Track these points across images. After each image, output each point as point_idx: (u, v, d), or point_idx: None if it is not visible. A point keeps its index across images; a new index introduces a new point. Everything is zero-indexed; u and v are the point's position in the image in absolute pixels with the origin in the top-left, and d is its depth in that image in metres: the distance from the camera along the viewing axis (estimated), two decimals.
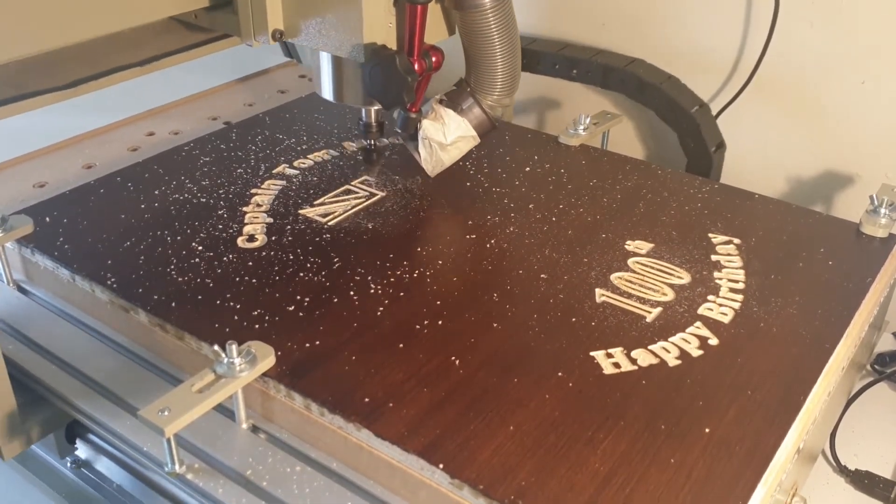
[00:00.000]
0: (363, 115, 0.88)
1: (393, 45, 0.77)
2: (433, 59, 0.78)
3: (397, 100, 0.78)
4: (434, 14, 0.78)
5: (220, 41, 0.81)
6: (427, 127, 0.84)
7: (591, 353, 0.68)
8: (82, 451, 0.76)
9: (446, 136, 0.84)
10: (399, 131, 0.85)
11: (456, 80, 0.84)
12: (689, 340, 0.70)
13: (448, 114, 0.83)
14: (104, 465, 0.75)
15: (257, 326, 0.70)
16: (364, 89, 0.79)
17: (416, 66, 0.76)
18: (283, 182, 0.92)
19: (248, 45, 0.79)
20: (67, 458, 0.77)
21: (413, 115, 0.83)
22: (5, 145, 1.04)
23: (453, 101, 0.83)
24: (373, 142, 0.91)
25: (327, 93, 0.86)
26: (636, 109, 1.15)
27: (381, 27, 0.76)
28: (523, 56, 0.82)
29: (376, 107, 0.85)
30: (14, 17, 0.63)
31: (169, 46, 0.77)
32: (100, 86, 0.71)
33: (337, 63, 0.83)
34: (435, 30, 0.78)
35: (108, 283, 0.75)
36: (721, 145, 1.07)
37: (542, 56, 1.15)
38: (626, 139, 1.19)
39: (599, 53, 1.13)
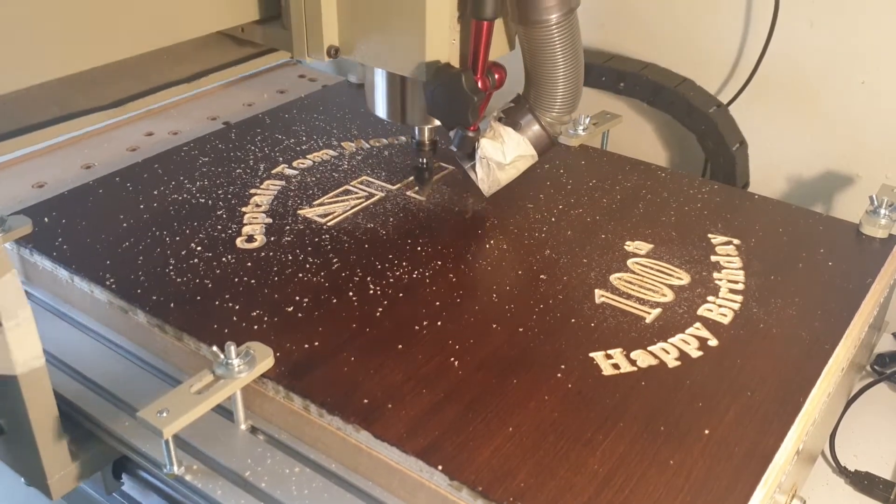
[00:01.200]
0: (416, 133, 0.84)
1: (456, 62, 0.74)
2: (496, 76, 0.76)
3: (462, 120, 0.74)
4: (497, 29, 0.75)
5: (266, 55, 0.78)
6: (486, 146, 0.81)
7: (591, 354, 0.68)
8: (129, 486, 0.75)
9: (506, 156, 0.81)
10: (454, 150, 0.83)
11: (506, 96, 0.82)
12: (688, 341, 0.69)
13: (507, 132, 0.80)
14: (151, 502, 0.73)
15: (256, 327, 0.69)
16: (426, 108, 0.75)
17: (480, 85, 0.74)
18: (283, 182, 0.92)
19: (300, 62, 0.76)
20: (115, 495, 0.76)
21: (471, 134, 0.81)
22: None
23: (512, 118, 0.80)
24: (425, 160, 0.87)
25: (381, 111, 0.83)
26: (636, 109, 1.15)
27: (444, 44, 0.72)
28: None
29: (430, 125, 0.82)
30: (60, 34, 0.61)
31: (214, 61, 0.74)
32: (146, 103, 0.69)
33: (392, 80, 0.80)
34: (495, 45, 0.75)
35: (107, 283, 0.75)
36: (743, 143, 1.06)
37: None
38: (625, 138, 1.19)
39: (612, 59, 1.12)
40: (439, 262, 0.79)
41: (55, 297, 0.80)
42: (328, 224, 0.84)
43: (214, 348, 0.63)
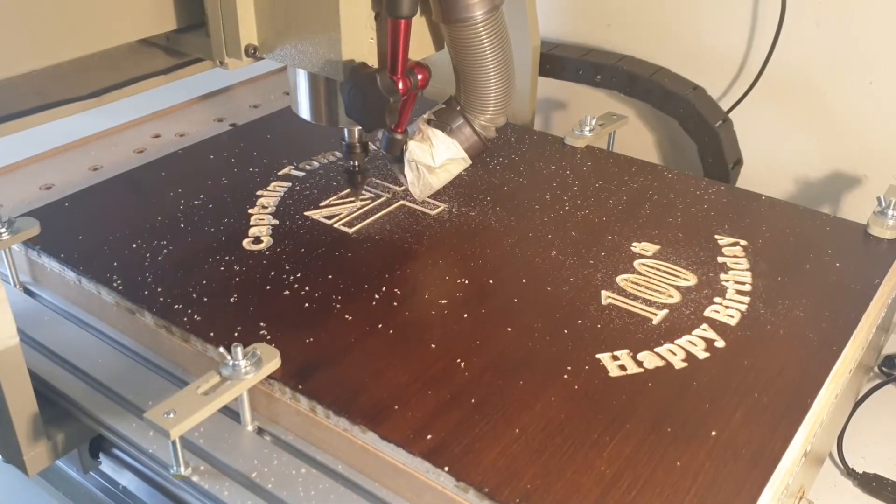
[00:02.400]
0: (346, 135, 0.80)
1: (374, 62, 0.71)
2: (419, 76, 0.72)
3: (378, 122, 0.71)
4: (420, 28, 0.72)
5: (192, 65, 0.75)
6: (413, 149, 0.78)
7: (597, 356, 0.67)
8: (106, 465, 0.76)
9: (434, 159, 0.78)
10: (384, 153, 0.80)
11: (447, 97, 0.79)
12: (695, 343, 0.69)
13: (436, 135, 0.77)
14: (128, 480, 0.74)
15: (263, 328, 0.70)
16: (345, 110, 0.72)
17: (399, 85, 0.70)
18: (289, 184, 0.92)
19: (220, 65, 0.72)
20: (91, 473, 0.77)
21: (398, 136, 0.77)
22: (12, 148, 1.04)
23: (442, 120, 0.77)
24: (356, 163, 0.83)
25: (304, 112, 0.79)
26: (636, 107, 1.15)
27: (361, 43, 0.69)
28: (546, 61, 0.77)
29: (358, 127, 0.78)
30: (42, 25, 0.62)
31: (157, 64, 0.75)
32: (123, 94, 0.69)
33: (315, 81, 0.76)
34: (421, 45, 0.72)
35: (115, 284, 0.75)
36: (738, 162, 1.06)
37: (565, 62, 1.14)
38: (630, 139, 1.19)
39: (623, 59, 1.12)
40: (445, 263, 0.79)
41: (63, 299, 0.80)
42: (335, 225, 0.84)
43: (221, 349, 0.63)
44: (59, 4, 0.64)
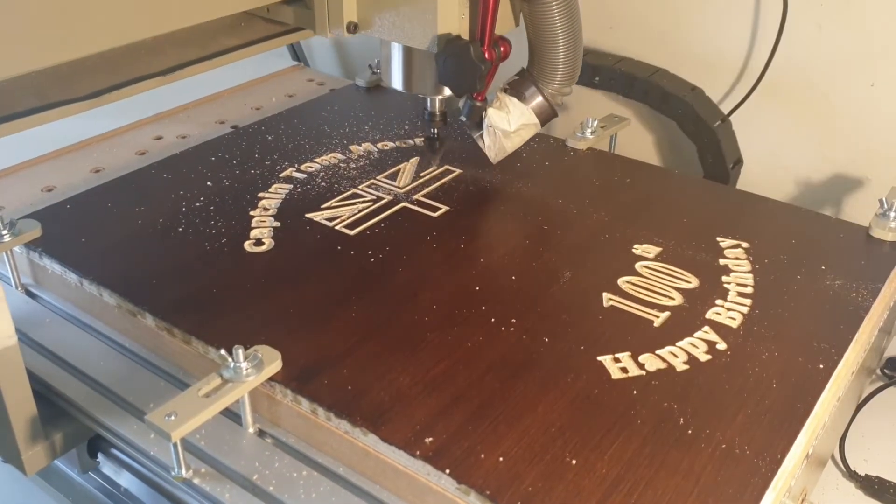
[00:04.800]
0: (428, 104, 0.91)
1: (465, 35, 0.81)
2: (501, 48, 0.82)
3: (470, 87, 0.81)
4: (503, 6, 0.81)
5: (233, 52, 0.80)
6: (492, 115, 0.87)
7: (599, 358, 0.67)
8: (104, 465, 0.76)
9: (510, 124, 0.87)
10: (463, 119, 0.89)
11: (517, 71, 0.87)
12: (697, 345, 0.69)
13: (513, 102, 0.86)
14: (126, 480, 0.75)
15: (264, 330, 0.70)
16: (437, 78, 0.82)
17: (486, 55, 0.80)
18: (291, 186, 0.92)
19: (307, 65, 0.81)
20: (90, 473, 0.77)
21: (479, 104, 0.86)
22: (14, 149, 1.05)
23: (516, 89, 0.86)
24: (436, 130, 0.94)
25: (397, 83, 0.89)
26: (638, 107, 1.15)
27: (454, 18, 0.79)
28: None
29: (440, 97, 0.89)
30: (44, 24, 0.62)
31: (188, 56, 0.76)
32: (122, 95, 0.70)
33: (408, 54, 0.86)
34: (502, 21, 0.82)
35: (116, 286, 0.75)
36: (738, 161, 1.06)
37: None
38: (632, 141, 1.19)
39: (622, 61, 1.12)
40: (447, 266, 0.79)
41: (64, 301, 0.80)
42: (336, 227, 0.84)
43: (222, 352, 0.63)
44: None
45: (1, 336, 0.62)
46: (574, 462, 0.58)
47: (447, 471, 0.57)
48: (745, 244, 0.82)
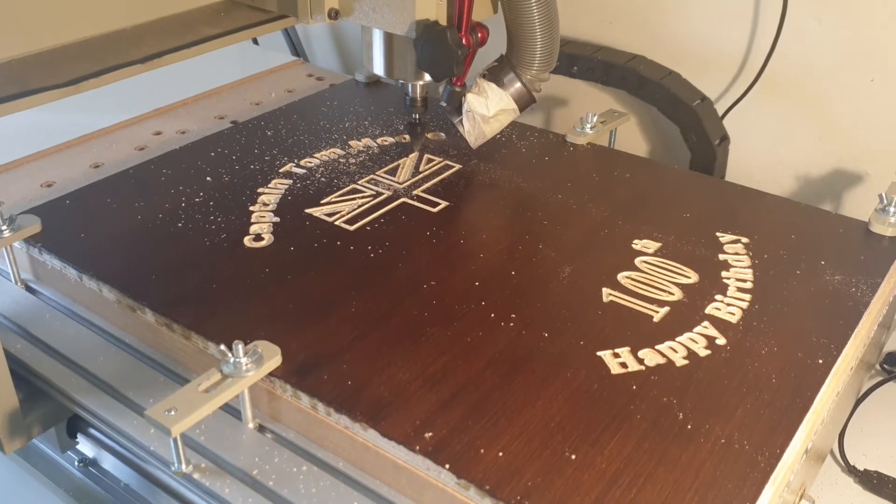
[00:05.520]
0: (409, 90, 0.94)
1: (443, 20, 0.83)
2: (479, 34, 0.85)
3: (448, 72, 0.84)
4: None
5: (218, 39, 0.80)
6: (471, 100, 0.89)
7: (598, 353, 0.67)
8: (83, 445, 0.77)
9: (489, 109, 0.89)
10: (444, 105, 0.91)
11: (496, 58, 0.89)
12: (696, 340, 0.69)
13: (491, 87, 0.88)
14: (105, 460, 0.75)
15: (264, 326, 0.70)
16: (416, 64, 0.85)
17: (464, 41, 0.83)
18: (290, 181, 0.92)
19: (304, 22, 0.82)
20: (69, 453, 0.77)
21: (458, 89, 0.89)
22: (13, 145, 1.04)
23: (495, 75, 0.88)
24: (417, 116, 0.98)
25: (378, 68, 0.93)
26: (638, 106, 1.15)
27: (431, 4, 0.82)
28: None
29: (421, 82, 0.92)
30: (31, 10, 0.63)
31: (169, 43, 0.77)
32: (102, 82, 0.70)
33: (388, 40, 0.89)
34: (480, 8, 0.85)
35: (116, 282, 0.75)
36: (725, 138, 1.06)
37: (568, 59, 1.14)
38: (632, 136, 1.18)
39: (600, 50, 1.13)
40: (446, 261, 0.79)
41: (64, 296, 0.80)
42: (335, 223, 0.84)
43: (222, 347, 0.63)
44: None
45: None
46: (573, 457, 0.58)
47: (447, 465, 0.57)
48: (744, 239, 0.82)
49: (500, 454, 0.58)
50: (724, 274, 0.78)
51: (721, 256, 0.80)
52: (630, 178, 0.94)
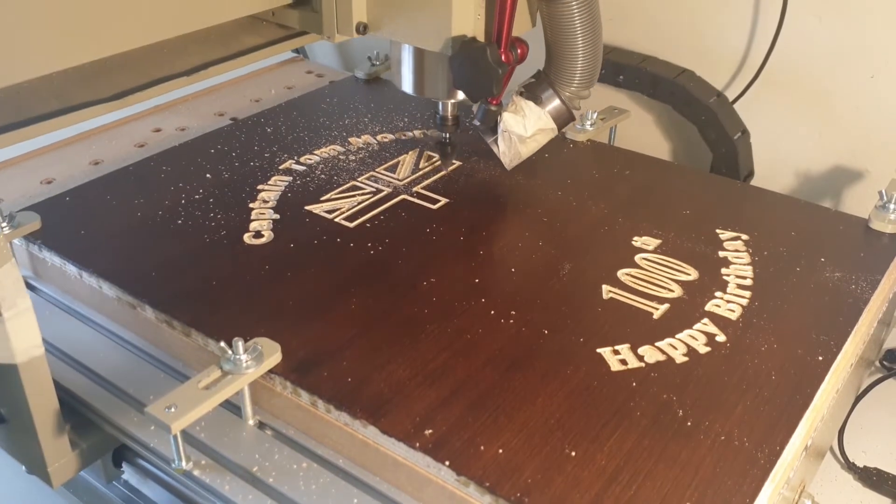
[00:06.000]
0: (440, 108, 0.88)
1: (481, 36, 0.77)
2: (518, 50, 0.79)
3: (486, 92, 0.77)
4: (520, 5, 0.78)
5: (263, 49, 0.79)
6: (507, 119, 0.84)
7: (598, 350, 0.67)
8: (129, 475, 0.75)
9: (527, 129, 0.84)
10: (477, 123, 0.86)
11: (532, 74, 0.84)
12: (696, 337, 0.69)
13: (529, 106, 0.83)
14: (151, 490, 0.74)
15: (264, 323, 0.70)
16: (452, 82, 0.79)
17: (503, 58, 0.76)
18: (290, 178, 0.92)
19: (328, 39, 0.78)
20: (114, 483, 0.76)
21: (493, 108, 0.83)
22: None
23: (532, 92, 0.83)
24: (447, 135, 0.91)
25: (407, 86, 0.86)
26: (641, 104, 1.15)
27: (469, 19, 0.76)
28: None
29: (453, 100, 0.86)
30: (65, 26, 0.62)
31: (214, 54, 0.75)
32: (146, 97, 0.69)
33: (418, 56, 0.83)
34: (519, 22, 0.79)
35: (115, 279, 0.75)
36: (744, 132, 1.05)
37: None
38: (634, 135, 1.18)
39: (612, 51, 1.12)
40: (446, 258, 0.79)
41: (64, 293, 0.80)
42: (335, 220, 0.84)
43: (222, 344, 0.63)
44: None
45: (28, 346, 0.60)
46: (573, 454, 0.58)
47: (447, 462, 0.57)
48: (744, 236, 0.82)
49: (500, 451, 0.58)
50: (723, 271, 0.78)
51: (721, 253, 0.80)
52: (630, 174, 0.94)
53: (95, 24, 0.64)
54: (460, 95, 0.82)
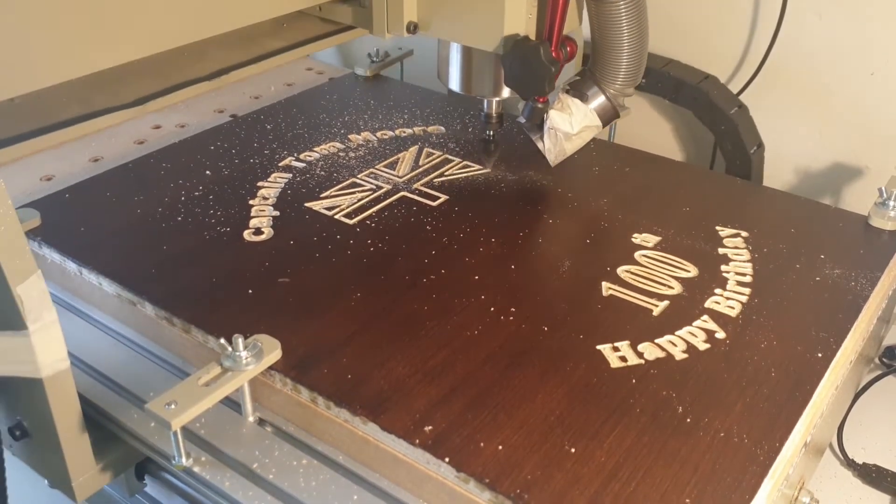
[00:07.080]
0: (485, 105, 0.88)
1: (532, 35, 0.78)
2: (568, 48, 0.81)
3: (539, 90, 0.79)
4: (571, 4, 0.79)
5: (280, 55, 0.79)
6: (554, 117, 0.85)
7: (598, 347, 0.68)
8: (152, 488, 0.75)
9: (573, 126, 0.84)
10: (522, 121, 0.87)
11: (577, 71, 0.86)
12: (695, 334, 0.69)
13: (575, 103, 0.84)
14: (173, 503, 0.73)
15: (264, 319, 0.70)
16: (503, 80, 0.80)
17: (554, 56, 0.78)
18: (290, 175, 0.92)
19: (379, 35, 0.79)
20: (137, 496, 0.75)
21: (540, 106, 0.84)
22: None
23: (578, 90, 0.84)
24: (492, 133, 0.92)
25: (455, 84, 0.87)
26: (641, 101, 1.15)
27: (521, 18, 0.77)
28: None
29: (498, 98, 0.87)
30: (86, 32, 0.61)
31: (233, 59, 0.75)
32: (168, 102, 0.69)
33: (466, 54, 0.84)
34: (568, 19, 0.80)
35: (115, 276, 0.75)
36: (760, 146, 1.05)
37: None
38: (635, 132, 1.18)
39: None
40: (446, 255, 0.79)
41: (64, 290, 0.80)
42: (335, 217, 0.84)
43: (222, 340, 0.63)
44: None
45: (54, 360, 0.59)
46: (573, 450, 0.58)
47: (447, 459, 0.57)
48: (744, 233, 0.82)
49: (500, 448, 0.58)
50: (723, 268, 0.78)
51: (721, 250, 0.80)
52: (630, 172, 0.94)
53: (116, 30, 0.63)
54: (506, 93, 0.84)
